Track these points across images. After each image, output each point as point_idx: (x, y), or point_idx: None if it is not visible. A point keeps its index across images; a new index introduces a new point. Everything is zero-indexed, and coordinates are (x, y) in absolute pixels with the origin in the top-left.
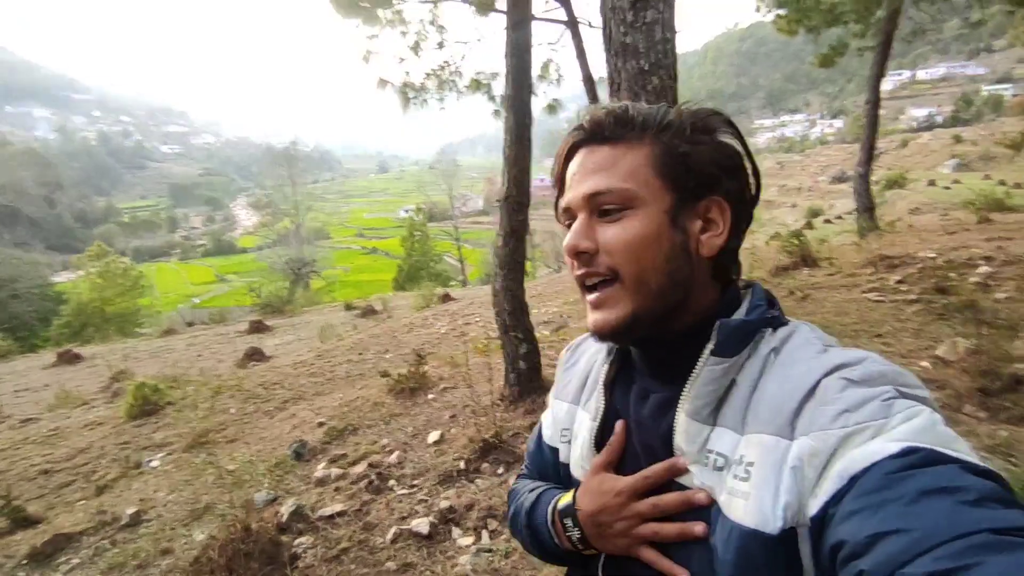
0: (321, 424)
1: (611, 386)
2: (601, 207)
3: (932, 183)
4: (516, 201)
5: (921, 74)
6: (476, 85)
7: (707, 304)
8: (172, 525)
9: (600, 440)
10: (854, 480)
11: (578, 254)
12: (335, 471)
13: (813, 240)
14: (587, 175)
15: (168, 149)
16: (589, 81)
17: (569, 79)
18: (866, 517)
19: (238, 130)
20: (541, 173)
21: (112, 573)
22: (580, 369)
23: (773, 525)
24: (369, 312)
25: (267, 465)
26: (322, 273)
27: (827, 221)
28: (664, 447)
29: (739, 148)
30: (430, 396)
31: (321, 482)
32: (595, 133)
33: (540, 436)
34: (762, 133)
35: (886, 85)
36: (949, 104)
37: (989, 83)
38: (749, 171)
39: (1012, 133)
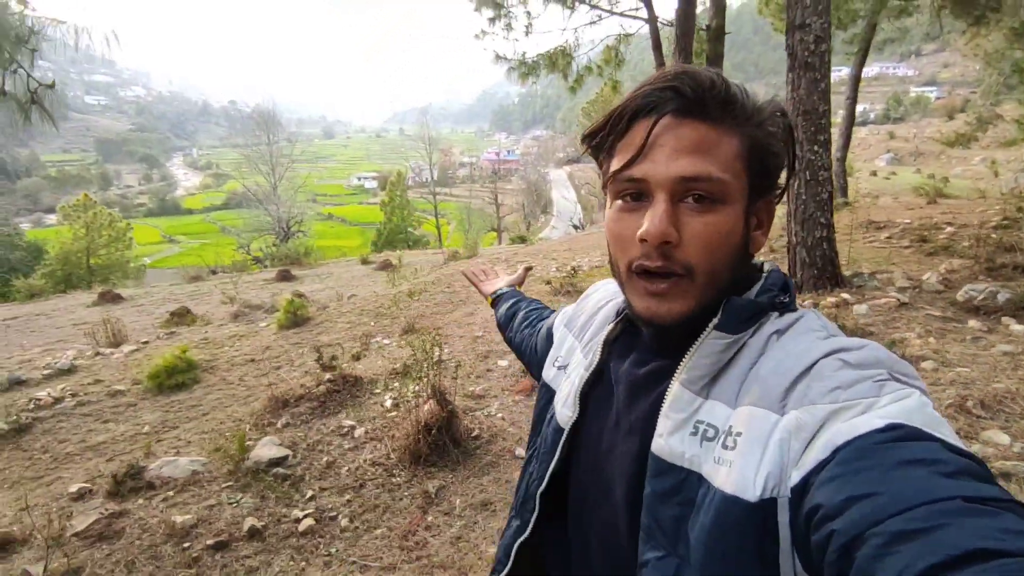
0: None
1: (610, 344)
2: (693, 193)
3: (874, 174)
4: None
5: None
6: (552, 64)
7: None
8: (474, 358)
9: (585, 394)
10: (837, 451)
11: (661, 244)
12: None
13: None
14: (682, 153)
15: (93, 100)
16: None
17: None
18: (844, 482)
19: (170, 84)
20: (493, 147)
21: (465, 377)
22: (589, 306)
23: (752, 493)
24: (387, 266)
25: None
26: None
27: None
28: (651, 412)
29: (792, 150)
30: None
31: None
32: (695, 105)
33: (552, 327)
34: None
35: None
36: (881, 102)
37: (917, 84)
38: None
39: (947, 132)
